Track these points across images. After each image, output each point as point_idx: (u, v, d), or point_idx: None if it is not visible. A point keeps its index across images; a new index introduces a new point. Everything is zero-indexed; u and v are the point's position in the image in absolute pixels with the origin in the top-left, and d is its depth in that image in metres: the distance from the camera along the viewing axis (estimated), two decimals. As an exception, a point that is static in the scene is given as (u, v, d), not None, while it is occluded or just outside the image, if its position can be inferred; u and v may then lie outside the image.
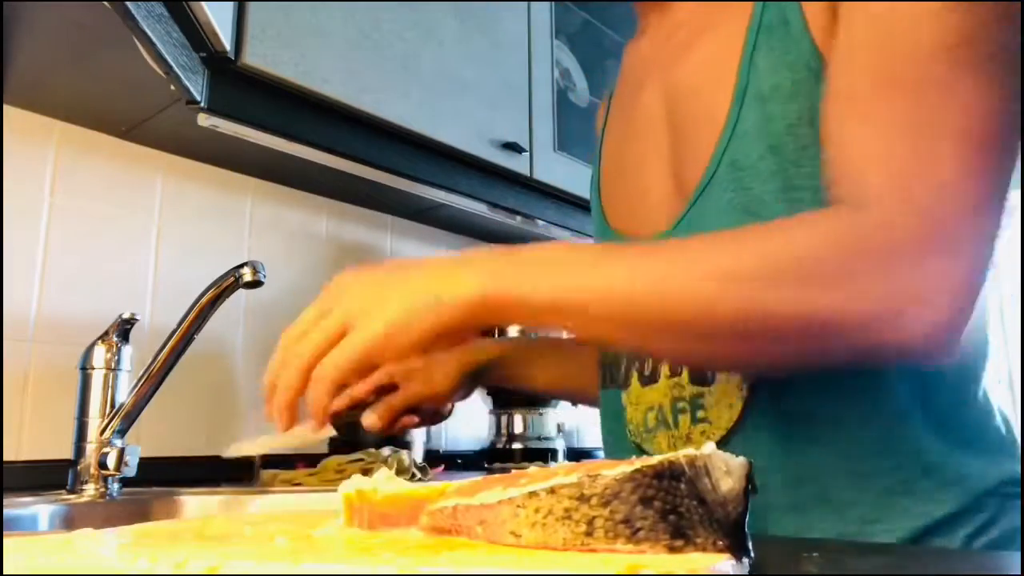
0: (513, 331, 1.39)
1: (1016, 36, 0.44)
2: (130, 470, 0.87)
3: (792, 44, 0.52)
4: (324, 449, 1.30)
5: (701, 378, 0.57)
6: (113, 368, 0.89)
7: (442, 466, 1.32)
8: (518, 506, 0.30)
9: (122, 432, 0.88)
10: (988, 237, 0.43)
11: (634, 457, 0.30)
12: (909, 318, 0.41)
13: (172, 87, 0.92)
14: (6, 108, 1.03)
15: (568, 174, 1.53)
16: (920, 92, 0.44)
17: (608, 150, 0.73)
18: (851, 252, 0.42)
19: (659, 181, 0.62)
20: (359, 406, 0.70)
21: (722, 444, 0.55)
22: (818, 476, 0.52)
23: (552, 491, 0.29)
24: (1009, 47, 0.43)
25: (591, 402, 0.80)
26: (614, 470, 0.28)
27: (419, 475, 1.12)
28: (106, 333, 0.90)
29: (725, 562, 0.26)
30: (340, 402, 0.67)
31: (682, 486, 0.27)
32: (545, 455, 1.56)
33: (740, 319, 0.43)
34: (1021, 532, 0.51)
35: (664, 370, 0.60)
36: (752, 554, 0.28)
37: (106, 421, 0.87)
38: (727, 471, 0.28)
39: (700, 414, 0.57)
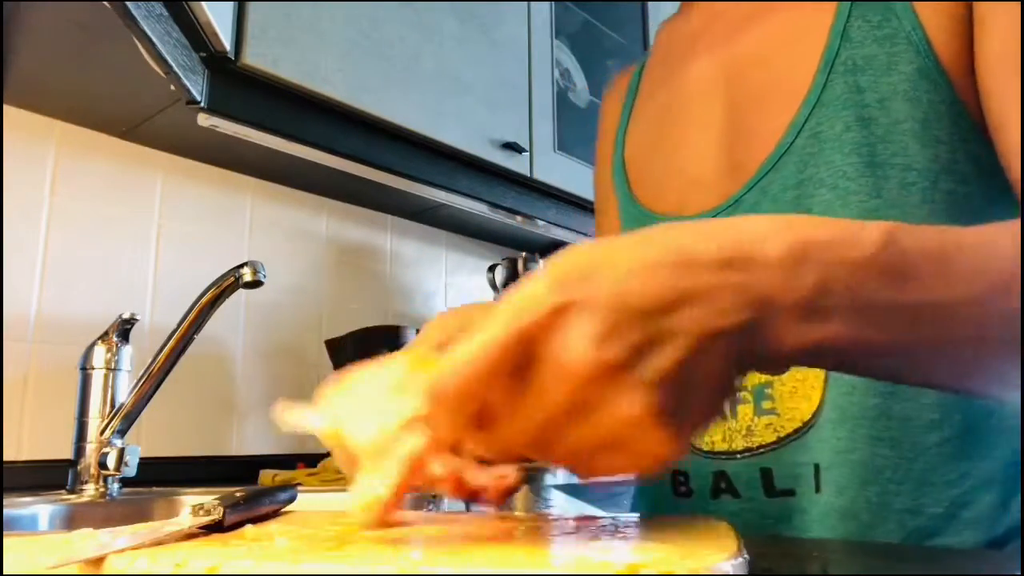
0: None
1: None
2: (130, 470, 0.87)
3: (892, 16, 0.51)
4: (324, 449, 1.30)
5: None
6: (113, 368, 0.89)
7: (442, 466, 1.31)
8: None
9: (122, 432, 0.88)
10: None
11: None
12: None
13: (172, 87, 0.92)
14: (6, 108, 1.03)
15: (568, 174, 1.52)
16: None
17: (639, 128, 0.69)
18: None
19: (707, 157, 0.59)
20: None
21: (794, 437, 0.52)
22: (882, 480, 0.49)
23: None
24: None
25: None
26: None
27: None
28: (106, 333, 0.90)
29: (725, 562, 0.26)
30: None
31: None
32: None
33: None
34: (1021, 532, 0.51)
35: None
36: None
37: (106, 421, 0.87)
38: None
39: (766, 405, 0.53)
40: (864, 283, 0.30)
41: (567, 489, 1.03)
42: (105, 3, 0.75)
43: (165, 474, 1.06)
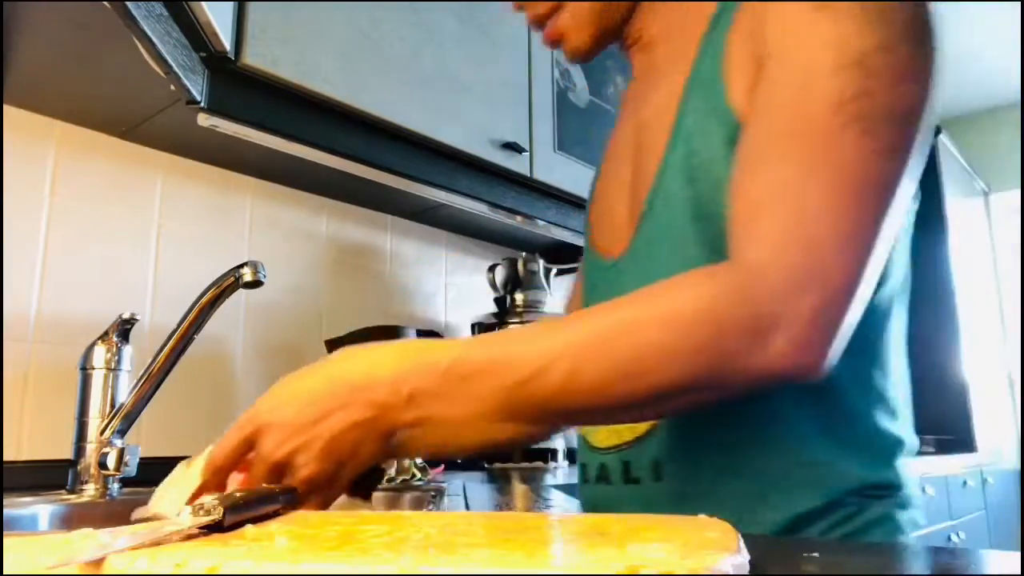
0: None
1: (908, 96, 0.49)
2: (130, 470, 0.87)
3: (711, 93, 0.59)
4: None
5: None
6: (113, 368, 0.89)
7: (442, 466, 1.32)
8: None
9: (122, 432, 0.88)
10: (856, 273, 0.48)
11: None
12: (770, 341, 0.46)
13: (172, 87, 0.92)
14: (6, 108, 1.03)
15: (568, 174, 1.53)
16: (807, 145, 0.49)
17: (600, 175, 0.80)
18: (719, 309, 0.47)
19: (621, 208, 0.69)
20: None
21: (645, 438, 0.63)
22: (702, 471, 0.60)
23: None
24: (896, 107, 0.49)
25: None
26: None
27: (419, 475, 1.12)
28: (106, 333, 0.90)
29: (725, 562, 0.26)
30: None
31: None
32: (545, 455, 1.56)
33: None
34: (1022, 532, 0.52)
35: None
36: None
37: (106, 421, 0.87)
38: None
39: None
40: (441, 386, 0.49)
41: (567, 489, 1.03)
42: (105, 3, 0.75)
43: (165, 474, 1.05)
